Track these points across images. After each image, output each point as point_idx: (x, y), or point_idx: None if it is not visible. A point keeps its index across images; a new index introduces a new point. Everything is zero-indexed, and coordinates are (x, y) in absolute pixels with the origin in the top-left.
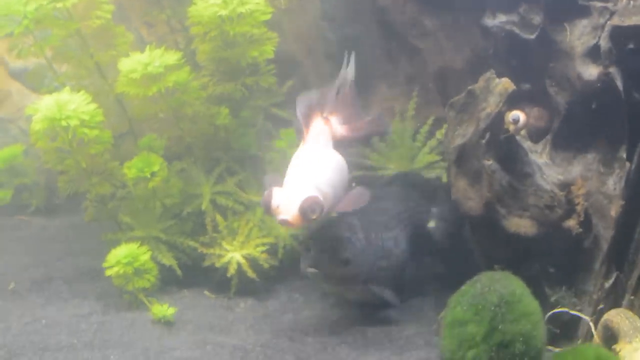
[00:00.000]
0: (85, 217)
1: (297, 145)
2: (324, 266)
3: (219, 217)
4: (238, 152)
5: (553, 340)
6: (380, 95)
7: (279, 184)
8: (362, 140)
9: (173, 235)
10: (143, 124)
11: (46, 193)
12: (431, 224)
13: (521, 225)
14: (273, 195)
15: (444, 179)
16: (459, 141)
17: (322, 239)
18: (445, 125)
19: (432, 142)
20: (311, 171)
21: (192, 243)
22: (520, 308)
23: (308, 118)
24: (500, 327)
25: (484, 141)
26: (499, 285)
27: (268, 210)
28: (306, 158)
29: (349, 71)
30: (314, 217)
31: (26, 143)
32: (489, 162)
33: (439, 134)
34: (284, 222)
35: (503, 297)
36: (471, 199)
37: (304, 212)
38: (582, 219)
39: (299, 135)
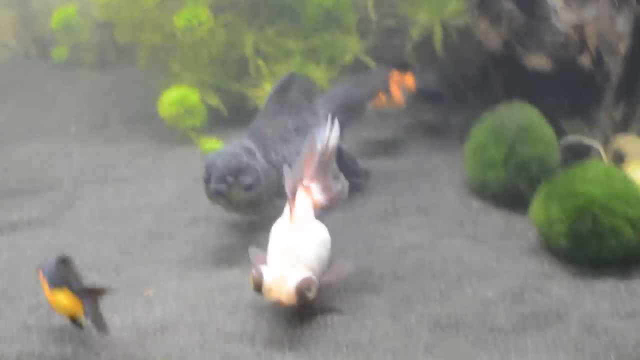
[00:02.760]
0: (139, 65)
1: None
2: (228, 194)
3: (260, 62)
4: (276, 4)
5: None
6: None
7: (263, 260)
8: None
9: (219, 80)
10: None
11: (98, 50)
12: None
13: (538, 62)
14: (263, 275)
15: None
16: None
17: (221, 168)
18: None
19: None
20: (299, 249)
21: (236, 86)
22: (536, 134)
23: (293, 191)
24: (518, 150)
25: None
26: (517, 114)
27: (259, 289)
28: (292, 234)
29: (332, 136)
30: (311, 296)
31: (80, 4)
32: (508, 4)
33: None
34: (279, 302)
35: (521, 124)
36: (492, 38)
37: (302, 294)
38: (594, 56)
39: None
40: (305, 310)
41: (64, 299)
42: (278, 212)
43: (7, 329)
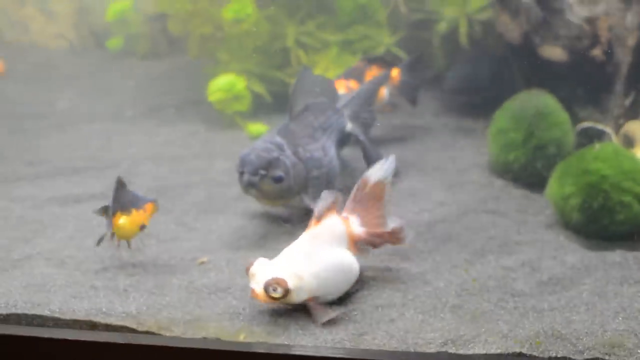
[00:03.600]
0: (189, 54)
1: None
2: (260, 186)
3: (301, 53)
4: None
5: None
6: None
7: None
8: (377, 246)
9: (263, 69)
10: None
11: (150, 41)
12: (349, 125)
13: (554, 52)
14: (255, 263)
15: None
16: None
17: (254, 161)
18: None
19: None
20: (297, 255)
21: (279, 74)
22: (552, 119)
23: (320, 214)
24: (536, 133)
25: None
26: (535, 100)
27: (247, 273)
28: (298, 241)
29: (385, 170)
30: (276, 297)
31: None
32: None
33: None
34: (252, 292)
35: (538, 109)
36: (512, 30)
37: (267, 289)
38: (605, 48)
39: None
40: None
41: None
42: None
43: (76, 290)
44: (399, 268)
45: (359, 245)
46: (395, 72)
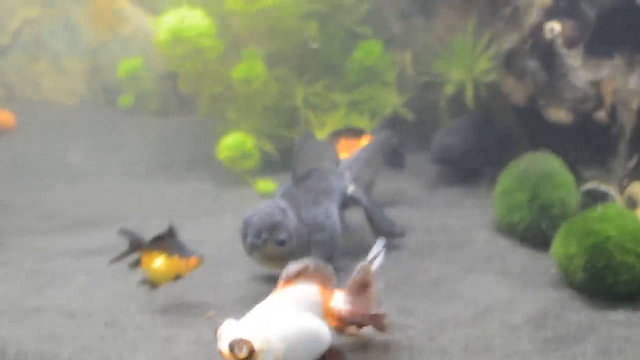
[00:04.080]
0: (200, 113)
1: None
2: (264, 249)
3: (310, 113)
4: (323, 61)
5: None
6: (444, 17)
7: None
8: (359, 326)
9: (272, 128)
10: (243, 40)
11: (161, 99)
12: (350, 189)
13: (559, 115)
14: (224, 324)
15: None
16: (507, 47)
17: (258, 224)
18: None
19: (489, 53)
20: (270, 319)
21: (288, 133)
22: (557, 180)
23: (288, 277)
24: (541, 194)
25: (527, 47)
26: (540, 162)
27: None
28: (267, 303)
29: (375, 263)
30: (242, 357)
31: (144, 57)
32: (532, 63)
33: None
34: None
35: (544, 171)
36: (518, 93)
37: (232, 349)
38: (609, 111)
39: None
40: None
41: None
42: None
43: (86, 342)
44: (405, 323)
45: (339, 320)
46: (365, 140)
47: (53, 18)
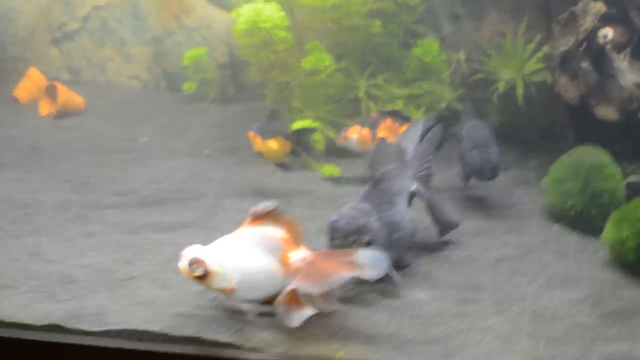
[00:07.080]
0: (267, 101)
1: None
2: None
3: (371, 104)
4: (384, 57)
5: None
6: (490, 19)
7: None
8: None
9: (335, 116)
10: (309, 33)
11: (221, 86)
12: (414, 186)
13: (607, 112)
14: (190, 247)
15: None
16: (562, 48)
17: (344, 229)
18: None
19: (539, 54)
20: (230, 249)
21: (349, 122)
22: (606, 171)
23: (257, 216)
24: (592, 184)
25: (581, 49)
26: (591, 154)
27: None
28: (232, 235)
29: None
30: (197, 275)
31: (207, 46)
32: (585, 65)
33: (545, 49)
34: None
35: (595, 162)
36: (570, 92)
37: (190, 266)
38: None
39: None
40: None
41: (275, 144)
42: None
43: (182, 309)
44: (473, 298)
45: (288, 271)
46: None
47: (121, 5)
